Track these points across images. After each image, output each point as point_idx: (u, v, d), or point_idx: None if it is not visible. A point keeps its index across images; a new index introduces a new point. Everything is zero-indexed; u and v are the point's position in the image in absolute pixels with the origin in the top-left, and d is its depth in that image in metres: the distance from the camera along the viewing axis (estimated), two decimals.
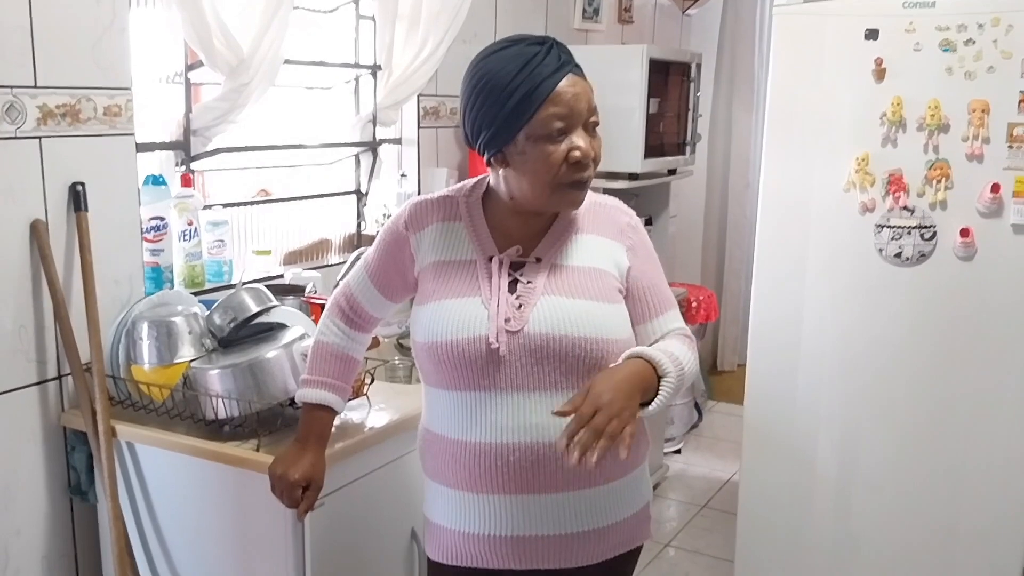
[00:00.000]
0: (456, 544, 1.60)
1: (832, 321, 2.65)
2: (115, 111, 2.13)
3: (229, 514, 1.96)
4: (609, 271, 1.58)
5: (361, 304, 1.73)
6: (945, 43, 2.41)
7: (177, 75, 2.42)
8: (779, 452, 2.76)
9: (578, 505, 1.55)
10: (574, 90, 1.48)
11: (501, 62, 1.47)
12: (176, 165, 2.43)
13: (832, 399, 2.68)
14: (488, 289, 1.54)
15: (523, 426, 1.50)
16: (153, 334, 2.00)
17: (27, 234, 1.99)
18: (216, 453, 1.91)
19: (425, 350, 1.56)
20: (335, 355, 1.74)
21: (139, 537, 2.07)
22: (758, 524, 2.82)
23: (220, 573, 2.00)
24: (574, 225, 1.61)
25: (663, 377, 1.47)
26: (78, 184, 2.06)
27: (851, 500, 2.70)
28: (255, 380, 1.91)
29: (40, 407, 2.06)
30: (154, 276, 2.28)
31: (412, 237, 1.63)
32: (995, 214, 2.44)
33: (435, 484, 1.63)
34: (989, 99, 2.39)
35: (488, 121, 1.48)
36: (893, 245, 2.54)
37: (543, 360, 1.50)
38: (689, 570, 3.31)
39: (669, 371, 1.47)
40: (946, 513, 2.60)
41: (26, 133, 1.96)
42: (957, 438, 2.56)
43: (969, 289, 2.49)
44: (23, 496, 2.05)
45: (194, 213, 2.38)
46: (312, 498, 1.72)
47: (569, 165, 1.48)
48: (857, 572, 2.72)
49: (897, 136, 2.50)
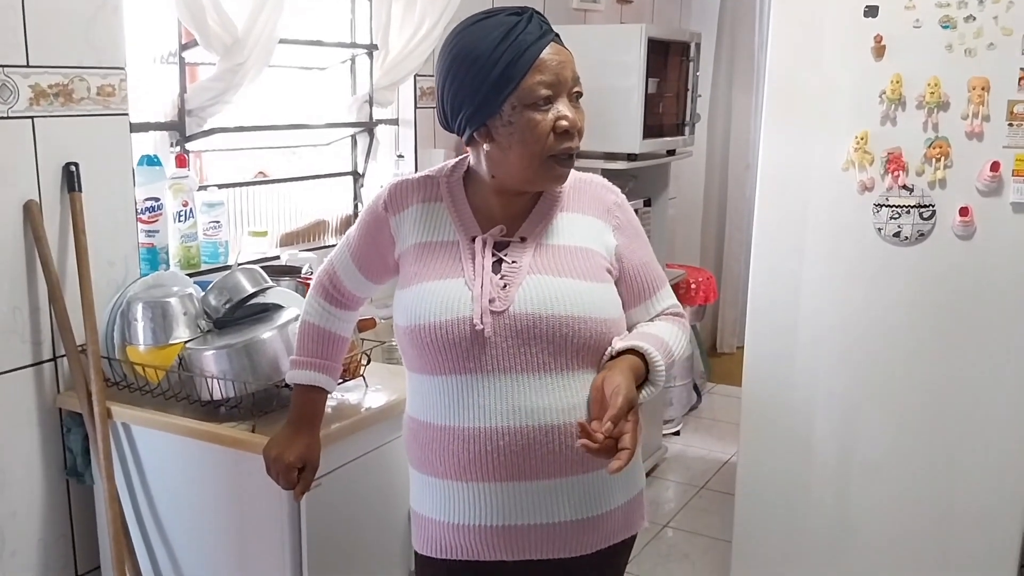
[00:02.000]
0: (445, 536, 1.55)
1: (830, 301, 2.64)
2: (108, 91, 2.12)
3: (225, 495, 1.96)
4: (596, 250, 1.55)
5: (343, 283, 1.71)
6: (945, 20, 2.39)
7: (171, 55, 2.40)
8: (777, 434, 2.76)
9: (571, 492, 1.51)
10: (559, 58, 1.46)
11: (482, 31, 1.45)
12: (171, 146, 2.42)
13: (830, 380, 2.68)
14: (472, 270, 1.50)
15: (511, 409, 1.46)
16: (148, 315, 2.00)
17: (20, 215, 1.98)
18: (212, 434, 1.90)
19: (408, 334, 1.52)
20: (321, 334, 1.72)
21: (135, 518, 2.07)
22: (756, 505, 2.82)
23: (216, 554, 2.01)
24: (558, 204, 1.58)
25: (653, 373, 1.47)
26: (72, 164, 2.05)
27: (849, 481, 2.70)
28: (250, 361, 1.91)
29: (35, 389, 2.05)
30: (149, 257, 2.27)
31: (392, 219, 1.60)
32: (995, 193, 2.42)
33: (421, 474, 1.58)
34: (989, 76, 2.37)
35: (471, 92, 1.45)
36: (892, 224, 2.53)
37: (530, 341, 1.46)
38: (687, 551, 3.32)
39: (660, 370, 1.47)
40: (944, 495, 2.60)
41: (18, 113, 1.95)
42: (955, 418, 2.55)
43: (968, 268, 2.48)
44: (19, 478, 2.05)
45: (189, 194, 2.37)
46: (308, 479, 1.71)
47: (556, 135, 1.46)
48: (854, 553, 2.73)
49: (896, 114, 2.48)
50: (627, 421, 1.38)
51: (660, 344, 1.51)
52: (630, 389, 1.40)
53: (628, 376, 1.43)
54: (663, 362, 1.48)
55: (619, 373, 1.43)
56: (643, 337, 1.51)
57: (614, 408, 1.37)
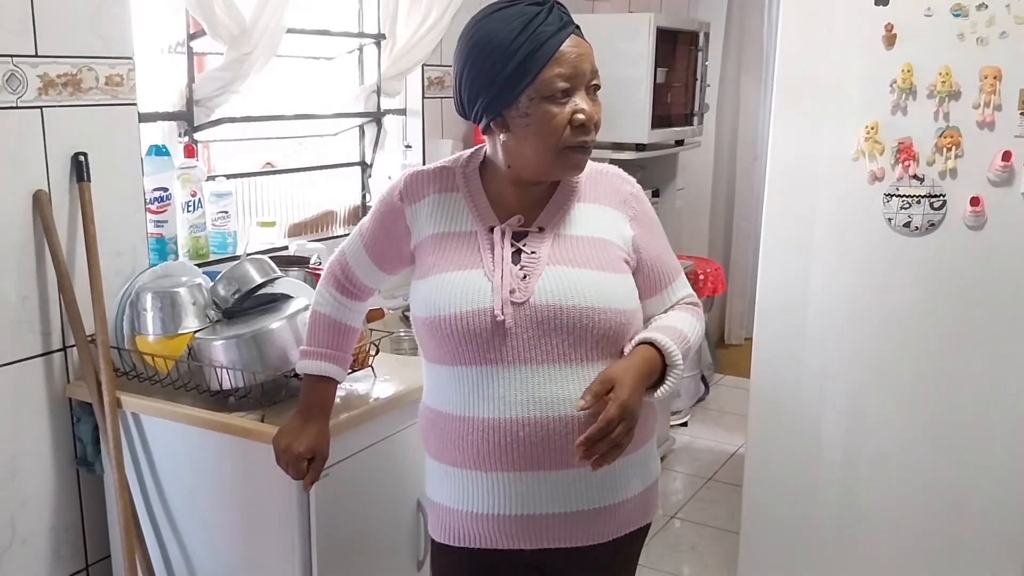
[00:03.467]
0: (463, 525, 1.56)
1: (840, 292, 2.63)
2: (117, 81, 2.12)
3: (234, 485, 1.97)
4: (614, 241, 1.55)
5: (356, 274, 1.70)
6: (957, 8, 2.37)
7: (179, 44, 2.40)
8: (785, 425, 2.75)
9: (588, 482, 1.51)
10: (578, 51, 1.45)
11: (501, 22, 1.44)
12: (179, 136, 2.42)
13: (839, 371, 2.67)
14: (491, 260, 1.50)
15: (531, 400, 1.46)
16: (157, 305, 2.00)
17: (30, 205, 1.98)
18: (221, 424, 1.91)
19: (427, 325, 1.52)
20: (332, 324, 1.72)
21: (145, 507, 2.08)
22: (763, 497, 2.82)
23: (225, 543, 2.01)
24: (575, 194, 1.58)
25: (671, 367, 1.49)
26: (80, 154, 2.05)
27: (857, 473, 2.69)
28: (259, 351, 1.91)
29: (45, 378, 2.06)
30: (158, 247, 2.27)
31: (407, 209, 1.60)
32: (1006, 183, 2.41)
33: (439, 464, 1.58)
34: (1001, 65, 2.35)
35: (489, 82, 1.45)
36: (902, 215, 2.51)
37: (550, 332, 1.47)
38: (695, 542, 3.32)
39: (677, 361, 1.49)
40: (953, 487, 2.59)
41: (27, 103, 1.95)
42: (964, 410, 2.54)
43: (979, 259, 2.46)
44: (30, 467, 2.05)
45: (197, 184, 2.37)
46: (317, 469, 1.71)
47: (573, 128, 1.46)
48: (862, 545, 2.72)
49: (907, 104, 2.46)
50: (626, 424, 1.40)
51: (679, 336, 1.52)
52: (624, 381, 1.42)
53: (629, 367, 1.45)
54: (679, 355, 1.50)
55: (626, 367, 1.45)
56: (661, 330, 1.53)
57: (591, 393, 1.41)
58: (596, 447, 1.39)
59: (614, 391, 1.41)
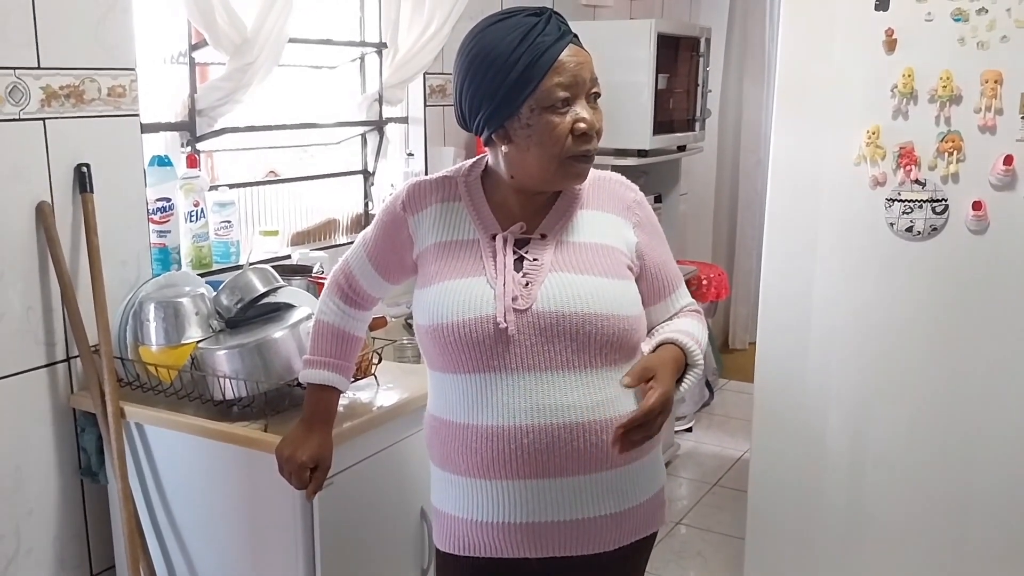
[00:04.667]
0: (468, 534, 1.55)
1: (843, 296, 2.63)
2: (119, 92, 2.12)
3: (238, 494, 1.97)
4: (617, 247, 1.55)
5: (359, 283, 1.71)
6: (957, 12, 2.37)
7: (181, 55, 2.41)
8: (790, 430, 2.75)
9: (594, 488, 1.51)
10: (577, 59, 1.46)
11: (500, 33, 1.45)
12: (182, 146, 2.42)
13: (843, 376, 2.66)
14: (493, 268, 1.50)
15: (536, 407, 1.46)
16: (160, 315, 2.00)
17: (33, 216, 1.99)
18: (224, 433, 1.91)
19: (430, 333, 1.52)
20: (335, 334, 1.72)
21: (149, 517, 2.08)
22: (769, 502, 2.81)
23: (230, 553, 2.01)
24: (578, 201, 1.58)
25: (692, 366, 1.53)
26: (83, 165, 2.05)
27: (862, 478, 2.69)
28: (263, 360, 1.91)
29: (49, 389, 2.06)
30: (161, 257, 2.28)
31: (410, 219, 1.60)
32: (1008, 187, 2.41)
33: (444, 472, 1.58)
34: (1002, 69, 2.35)
35: (489, 94, 1.45)
36: (904, 219, 2.51)
37: (553, 339, 1.47)
38: (700, 548, 3.31)
39: (699, 361, 1.53)
40: (958, 491, 2.58)
41: (30, 115, 1.96)
42: (968, 414, 2.54)
43: (981, 263, 2.46)
44: (34, 477, 2.06)
45: (200, 194, 2.38)
46: (320, 479, 1.71)
47: (575, 137, 1.46)
48: (868, 549, 2.71)
49: (908, 108, 2.46)
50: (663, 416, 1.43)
51: (695, 340, 1.56)
52: (665, 372, 1.46)
53: (665, 361, 1.49)
54: (699, 355, 1.54)
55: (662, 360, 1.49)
56: (678, 333, 1.56)
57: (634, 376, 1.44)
58: (633, 433, 1.41)
59: (655, 379, 1.44)
